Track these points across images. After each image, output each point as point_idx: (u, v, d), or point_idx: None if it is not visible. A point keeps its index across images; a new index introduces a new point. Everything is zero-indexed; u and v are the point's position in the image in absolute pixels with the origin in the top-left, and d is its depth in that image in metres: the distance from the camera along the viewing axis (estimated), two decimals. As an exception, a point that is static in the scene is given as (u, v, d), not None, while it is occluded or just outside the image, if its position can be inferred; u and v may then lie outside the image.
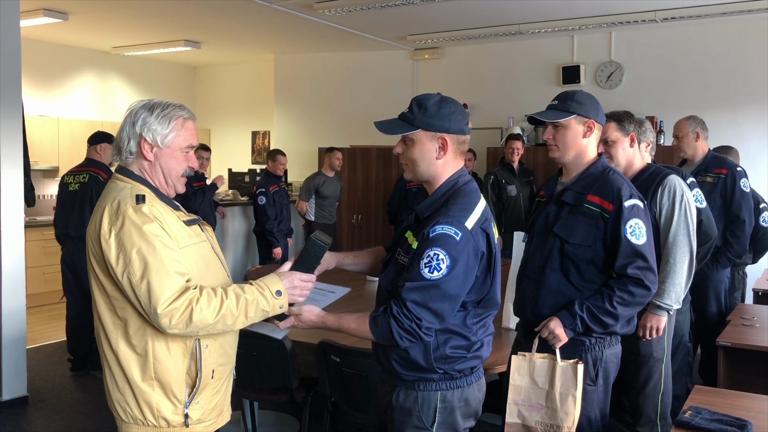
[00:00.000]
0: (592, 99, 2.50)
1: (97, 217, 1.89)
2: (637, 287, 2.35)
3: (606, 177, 2.43)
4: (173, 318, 1.79)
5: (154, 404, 1.90)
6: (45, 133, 8.18)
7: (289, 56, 9.27)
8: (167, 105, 1.99)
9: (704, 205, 3.54)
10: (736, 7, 6.06)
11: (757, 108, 6.60)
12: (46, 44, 8.55)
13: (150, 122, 1.94)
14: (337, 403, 3.12)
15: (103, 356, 1.95)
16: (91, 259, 1.91)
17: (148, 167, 1.97)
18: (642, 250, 2.35)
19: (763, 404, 2.44)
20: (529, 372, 2.41)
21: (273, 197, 6.79)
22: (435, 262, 1.89)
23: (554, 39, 7.52)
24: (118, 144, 1.99)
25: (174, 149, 1.97)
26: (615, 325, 2.38)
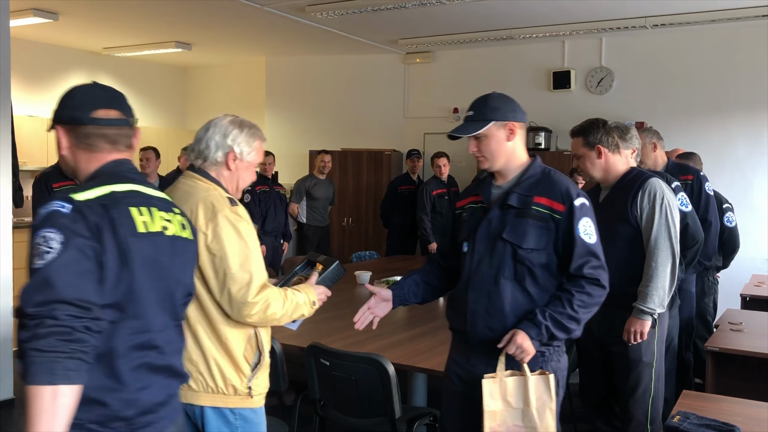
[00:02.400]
0: (506, 100, 2.45)
1: (187, 211, 2.06)
2: (595, 287, 2.29)
3: (550, 178, 2.36)
4: (254, 308, 2.09)
5: (226, 374, 2.16)
6: (34, 134, 8.13)
7: (280, 58, 9.26)
8: (252, 125, 2.31)
9: (689, 208, 3.53)
10: (725, 14, 6.11)
11: (746, 114, 6.65)
12: (35, 44, 8.50)
13: (240, 139, 2.25)
14: (326, 406, 3.12)
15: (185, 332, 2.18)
16: None
17: (227, 175, 2.26)
18: (595, 249, 2.30)
19: (751, 409, 2.45)
20: (501, 394, 2.26)
21: (259, 197, 6.80)
22: None
23: (545, 44, 7.55)
24: (199, 148, 2.26)
25: (251, 164, 2.29)
26: (577, 329, 2.30)
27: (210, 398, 2.17)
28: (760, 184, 6.59)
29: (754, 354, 3.18)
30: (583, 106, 7.19)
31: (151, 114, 10.20)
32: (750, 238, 6.47)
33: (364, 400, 2.89)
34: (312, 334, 3.25)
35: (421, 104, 8.32)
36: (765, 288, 4.86)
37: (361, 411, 2.99)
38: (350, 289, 4.41)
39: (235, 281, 2.08)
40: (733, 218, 4.80)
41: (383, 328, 3.54)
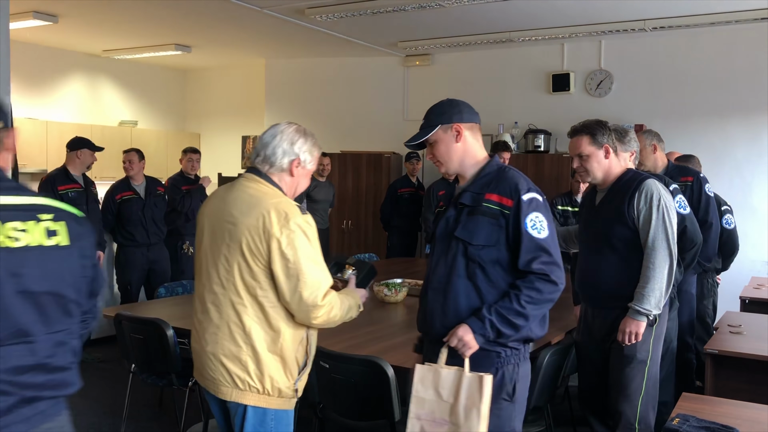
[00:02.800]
0: (452, 103, 2.45)
1: (259, 216, 2.22)
2: (544, 283, 2.25)
3: (503, 174, 2.35)
4: (321, 311, 2.23)
5: (275, 377, 2.28)
6: (33, 136, 8.13)
7: (280, 61, 9.27)
8: (313, 135, 2.48)
9: (687, 211, 3.53)
10: (724, 17, 6.12)
11: (745, 116, 6.65)
12: (35, 47, 8.50)
13: (305, 147, 2.40)
14: (325, 409, 3.11)
15: (227, 334, 2.27)
16: (244, 250, 2.23)
17: (288, 181, 2.39)
18: (545, 244, 2.26)
19: (750, 412, 2.45)
20: (434, 383, 2.25)
21: None
22: None
23: (544, 47, 7.56)
24: (266, 153, 2.36)
25: (309, 172, 2.45)
26: (526, 325, 2.27)
27: (255, 398, 2.29)
28: (760, 186, 6.60)
29: (753, 356, 3.18)
30: (582, 109, 7.19)
31: (150, 116, 10.21)
32: (749, 241, 6.47)
33: (363, 402, 2.89)
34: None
35: (421, 107, 8.18)
36: (764, 290, 4.86)
37: (360, 413, 2.99)
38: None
39: (307, 285, 2.20)
40: (732, 220, 4.81)
41: (383, 331, 3.55)
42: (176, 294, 4.53)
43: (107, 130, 9.08)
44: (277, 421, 2.34)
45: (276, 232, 2.19)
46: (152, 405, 4.67)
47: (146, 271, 5.89)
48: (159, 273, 5.96)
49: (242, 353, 2.26)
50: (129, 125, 9.54)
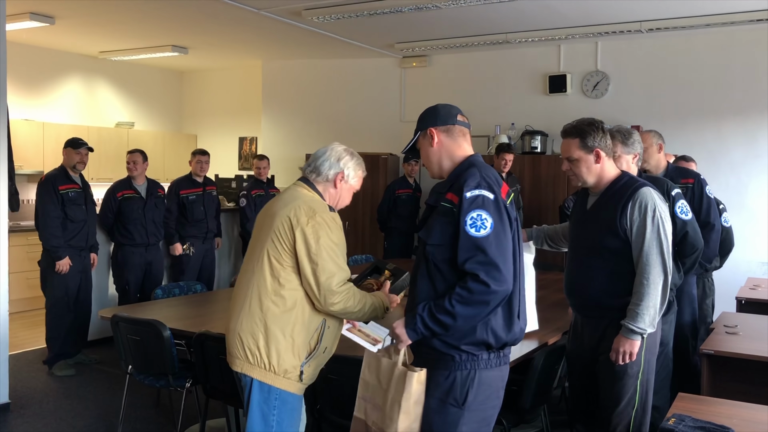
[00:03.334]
0: (431, 110, 2.49)
1: (294, 207, 2.52)
2: (475, 283, 2.16)
3: (464, 173, 2.31)
4: (337, 297, 2.45)
5: (282, 355, 2.49)
6: (30, 138, 8.13)
7: (277, 62, 9.27)
8: (360, 158, 2.77)
9: (689, 216, 3.43)
10: (719, 18, 6.14)
11: (740, 118, 6.68)
12: (32, 48, 8.50)
13: (350, 164, 2.70)
14: (322, 409, 3.11)
15: (247, 306, 2.52)
16: (274, 239, 2.51)
17: (332, 192, 2.68)
18: (481, 243, 2.17)
19: (746, 412, 2.46)
20: (377, 370, 2.35)
21: (255, 200, 6.85)
22: None
23: (541, 48, 7.57)
24: (315, 164, 2.67)
25: (352, 188, 2.74)
26: (453, 325, 2.19)
27: (261, 373, 2.50)
28: (756, 187, 6.62)
29: (749, 357, 3.18)
30: (578, 110, 7.20)
31: (147, 118, 10.21)
32: (745, 241, 6.49)
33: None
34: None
35: (418, 108, 8.18)
36: (760, 291, 4.87)
37: (357, 414, 2.98)
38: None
39: (325, 271, 2.45)
40: (728, 218, 4.85)
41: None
42: (173, 295, 4.53)
43: (104, 132, 9.07)
44: (281, 402, 2.52)
45: (303, 221, 2.47)
46: (149, 406, 4.66)
47: (143, 272, 5.89)
48: (154, 274, 5.96)
49: (257, 329, 2.49)
50: (126, 126, 9.53)
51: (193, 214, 6.27)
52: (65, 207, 5.26)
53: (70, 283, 5.34)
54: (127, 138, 9.28)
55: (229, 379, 3.07)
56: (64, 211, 5.26)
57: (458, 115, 2.46)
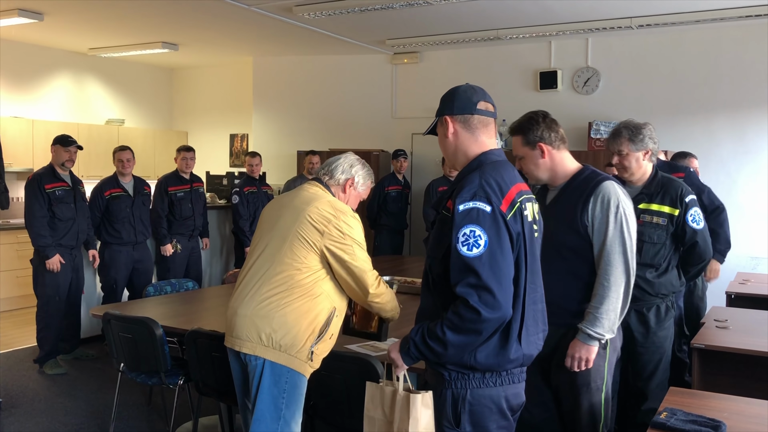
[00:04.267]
0: (450, 93, 2.26)
1: (319, 205, 2.66)
2: (465, 309, 1.95)
3: (467, 177, 2.08)
4: (377, 287, 2.68)
5: (295, 337, 2.58)
6: (19, 135, 8.07)
7: (267, 59, 9.25)
8: (370, 169, 2.95)
9: (701, 226, 3.24)
10: (709, 15, 6.17)
11: (730, 114, 6.71)
12: (21, 45, 8.44)
13: (361, 172, 2.88)
14: (316, 407, 3.11)
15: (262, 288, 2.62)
16: (300, 231, 2.62)
17: (342, 196, 2.84)
18: (473, 263, 1.95)
19: (737, 405, 2.48)
20: (381, 402, 2.18)
21: (247, 198, 6.84)
22: None
23: (532, 44, 7.58)
24: (330, 168, 2.85)
25: (359, 195, 2.91)
26: (444, 353, 2.01)
27: (275, 354, 2.58)
28: (744, 182, 6.66)
29: (739, 351, 3.21)
30: (569, 106, 7.23)
31: (137, 115, 10.16)
32: (735, 237, 6.50)
33: (354, 400, 2.89)
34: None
35: (409, 104, 8.33)
36: (750, 286, 4.91)
37: (350, 411, 2.99)
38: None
39: (358, 259, 2.63)
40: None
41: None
42: (165, 293, 4.52)
43: (94, 129, 9.03)
44: (291, 384, 2.62)
45: (333, 219, 2.63)
46: (141, 404, 4.65)
47: (131, 270, 5.86)
48: (142, 272, 5.93)
49: (271, 313, 2.58)
50: (116, 123, 9.48)
51: (181, 212, 6.24)
52: (52, 206, 5.22)
53: (61, 282, 5.31)
54: (117, 135, 9.23)
55: (222, 376, 3.08)
56: (51, 209, 5.22)
57: (480, 102, 2.20)
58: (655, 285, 3.29)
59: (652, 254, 3.28)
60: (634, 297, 3.09)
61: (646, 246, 3.26)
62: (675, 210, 3.27)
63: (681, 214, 3.24)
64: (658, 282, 3.30)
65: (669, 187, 3.29)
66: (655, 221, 3.28)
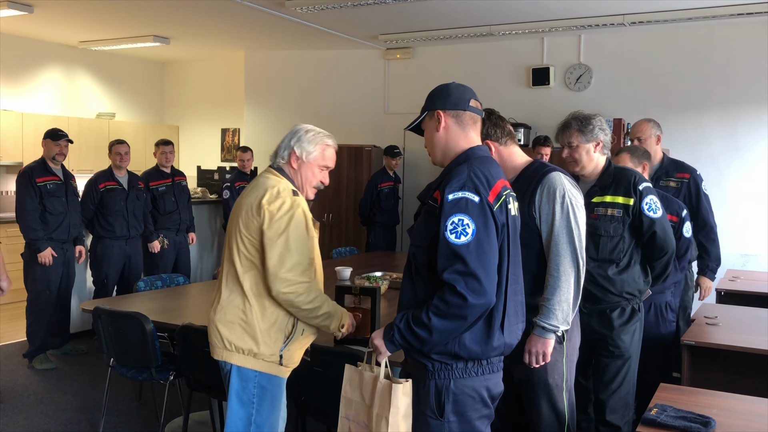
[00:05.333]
0: (441, 88, 2.30)
1: (259, 192, 2.51)
2: (452, 295, 2.00)
3: (454, 170, 2.13)
4: (285, 286, 2.42)
5: (260, 340, 2.50)
6: (9, 128, 8.01)
7: (259, 53, 9.21)
8: (320, 132, 2.68)
9: (658, 214, 3.08)
10: (701, 12, 6.19)
11: (721, 111, 6.74)
12: (10, 37, 8.37)
13: (302, 140, 2.64)
14: (307, 403, 3.11)
15: (222, 294, 2.54)
16: (242, 227, 2.51)
17: (291, 173, 2.64)
18: (460, 251, 2.00)
19: (726, 401, 2.49)
20: (359, 385, 2.20)
21: (238, 192, 6.81)
22: None
23: (524, 41, 7.58)
24: (276, 150, 2.67)
25: (312, 164, 2.64)
26: (429, 339, 2.05)
27: (241, 359, 2.51)
28: (735, 179, 6.69)
29: (729, 347, 3.23)
30: (561, 103, 7.24)
31: (128, 109, 10.10)
32: (725, 234, 6.53)
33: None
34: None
35: (402, 100, 8.32)
36: (739, 283, 4.94)
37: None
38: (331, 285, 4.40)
39: (275, 257, 2.42)
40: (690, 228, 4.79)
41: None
42: (155, 288, 4.50)
43: (84, 122, 8.97)
44: (260, 389, 2.54)
45: (265, 203, 2.46)
46: (132, 400, 4.64)
47: (122, 265, 5.83)
48: (134, 267, 5.90)
49: (234, 317, 2.52)
50: (107, 117, 9.42)
51: (165, 206, 6.20)
52: (44, 199, 5.19)
53: (52, 276, 5.28)
54: (108, 129, 9.18)
55: (213, 371, 3.07)
56: (42, 203, 5.19)
57: (471, 100, 2.27)
58: (617, 283, 3.09)
59: (610, 248, 3.10)
60: (597, 297, 3.09)
61: (603, 240, 3.10)
62: (629, 199, 3.08)
63: (636, 203, 3.07)
64: (620, 279, 3.10)
65: (621, 176, 3.12)
66: (610, 213, 3.10)
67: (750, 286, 4.82)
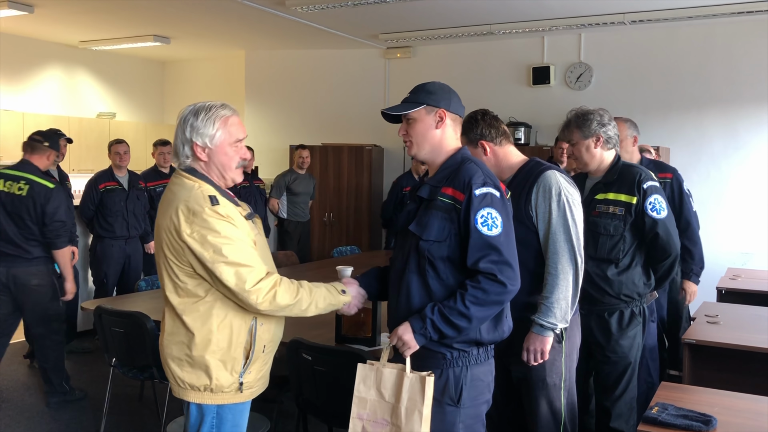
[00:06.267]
0: (444, 88, 2.36)
1: (171, 214, 2.15)
2: (491, 283, 2.11)
3: (463, 167, 2.22)
4: (260, 296, 2.11)
5: (213, 373, 2.19)
6: (9, 128, 8.01)
7: (260, 52, 9.21)
8: (210, 107, 2.22)
9: (663, 215, 2.99)
10: (701, 11, 6.19)
11: (722, 110, 6.74)
12: (11, 37, 8.37)
13: (197, 126, 2.19)
14: (308, 401, 3.12)
15: (166, 332, 2.23)
16: (165, 251, 2.17)
17: (204, 166, 2.23)
18: (495, 242, 2.12)
19: (727, 400, 2.49)
20: (376, 383, 2.19)
21: (239, 192, 6.79)
22: None
23: (525, 40, 7.58)
24: (175, 149, 2.24)
25: (223, 146, 2.22)
26: (468, 327, 2.13)
27: (195, 395, 2.23)
28: (736, 178, 6.69)
29: (730, 346, 3.23)
30: (562, 102, 7.24)
31: (128, 108, 10.11)
32: (726, 232, 6.57)
33: (346, 395, 2.89)
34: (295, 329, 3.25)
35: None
36: (740, 281, 4.94)
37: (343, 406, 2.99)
38: (331, 284, 4.40)
39: (230, 275, 2.10)
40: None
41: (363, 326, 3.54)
42: (157, 287, 4.50)
43: (85, 122, 8.98)
44: (221, 419, 2.26)
45: (185, 229, 2.11)
46: (133, 399, 4.64)
47: (122, 265, 5.83)
48: (133, 267, 5.89)
49: (182, 353, 2.21)
50: (107, 117, 9.43)
51: None
52: None
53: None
54: (108, 129, 9.18)
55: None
56: None
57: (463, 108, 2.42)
58: (615, 284, 3.03)
59: (609, 247, 3.04)
60: (594, 298, 3.05)
61: (602, 238, 3.04)
62: (632, 198, 3.00)
63: (639, 202, 2.98)
64: (618, 280, 3.03)
65: (626, 173, 3.05)
66: (611, 211, 3.04)
67: (751, 284, 4.82)
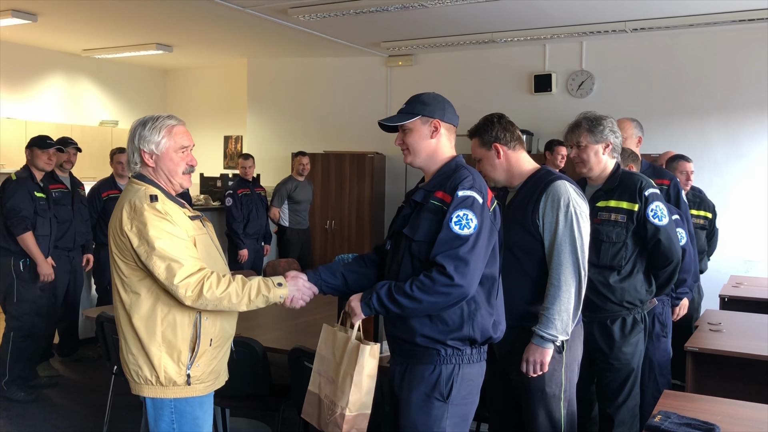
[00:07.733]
0: (438, 99, 2.46)
1: (117, 214, 2.32)
2: (440, 275, 2.15)
3: (455, 173, 2.31)
4: (188, 290, 2.20)
5: (161, 366, 2.29)
6: (13, 136, 8.04)
7: (262, 60, 9.24)
8: (157, 118, 2.42)
9: (664, 222, 2.98)
10: (703, 19, 6.20)
11: (723, 117, 6.74)
12: (14, 45, 8.40)
13: (144, 135, 2.38)
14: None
15: (120, 330, 2.37)
16: (113, 249, 2.34)
17: (153, 172, 2.40)
18: (461, 240, 2.18)
19: (730, 408, 2.48)
20: (332, 345, 2.35)
21: (241, 200, 6.81)
22: None
23: (526, 47, 7.60)
24: (128, 158, 2.44)
25: (169, 152, 2.39)
26: (410, 308, 2.18)
27: (149, 389, 2.34)
28: (738, 185, 6.68)
29: (732, 354, 3.22)
30: (564, 109, 7.25)
31: (131, 116, 10.12)
32: (728, 240, 6.55)
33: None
34: (296, 337, 3.25)
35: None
36: (743, 289, 4.93)
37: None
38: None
39: (162, 269, 2.21)
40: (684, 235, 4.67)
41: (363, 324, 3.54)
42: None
43: (87, 130, 9.00)
44: (178, 414, 2.35)
45: (127, 225, 2.27)
46: (135, 407, 4.62)
47: None
48: None
49: (131, 346, 2.34)
50: (110, 125, 9.45)
51: None
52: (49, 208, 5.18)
53: (58, 284, 5.27)
54: (111, 136, 9.20)
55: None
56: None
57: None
58: (617, 291, 3.02)
59: (611, 255, 3.02)
60: (596, 305, 3.03)
61: (604, 246, 3.03)
62: (634, 205, 3.00)
63: (641, 209, 2.98)
64: (621, 287, 3.02)
65: (627, 181, 3.05)
66: (613, 218, 3.03)
67: (753, 292, 4.81)
